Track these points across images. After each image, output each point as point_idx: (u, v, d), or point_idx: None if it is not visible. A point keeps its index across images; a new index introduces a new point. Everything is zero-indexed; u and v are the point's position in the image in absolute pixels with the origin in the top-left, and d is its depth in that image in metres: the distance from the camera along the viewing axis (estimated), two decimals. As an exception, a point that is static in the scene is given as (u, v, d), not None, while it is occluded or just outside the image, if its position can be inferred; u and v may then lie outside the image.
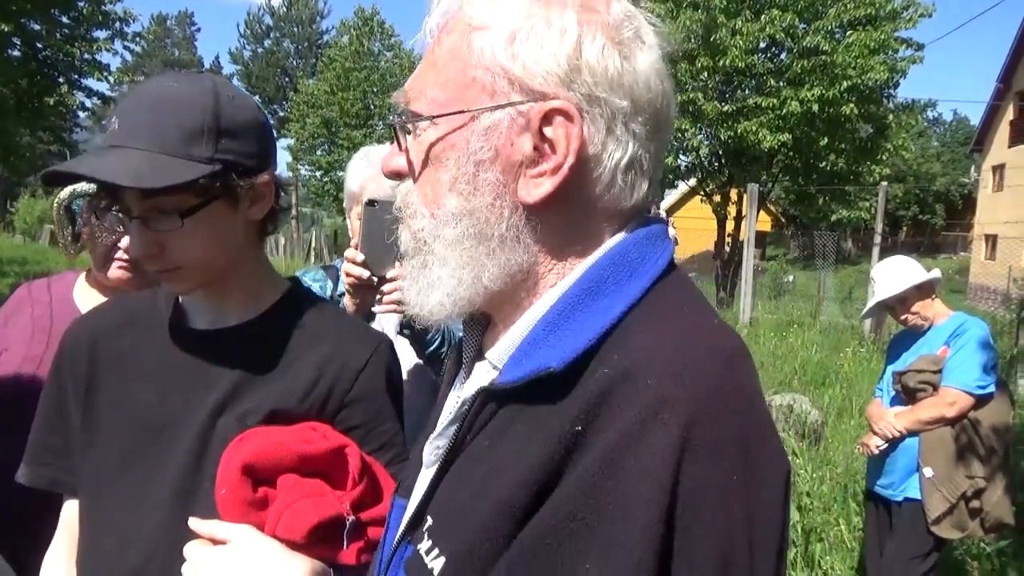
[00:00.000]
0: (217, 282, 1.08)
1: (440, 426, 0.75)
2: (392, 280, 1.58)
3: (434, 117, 0.69)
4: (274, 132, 1.13)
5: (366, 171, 1.91)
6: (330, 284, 1.97)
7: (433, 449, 0.75)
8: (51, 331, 1.63)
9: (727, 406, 0.60)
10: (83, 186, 1.63)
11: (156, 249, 1.01)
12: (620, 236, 0.71)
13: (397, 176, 0.75)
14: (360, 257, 1.60)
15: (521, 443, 0.63)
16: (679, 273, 0.72)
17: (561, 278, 0.70)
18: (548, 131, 0.66)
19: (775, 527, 0.60)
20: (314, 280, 1.98)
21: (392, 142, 0.77)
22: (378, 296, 1.62)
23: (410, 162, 0.73)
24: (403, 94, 0.73)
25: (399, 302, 1.63)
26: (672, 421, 0.57)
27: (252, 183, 1.04)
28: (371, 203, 1.56)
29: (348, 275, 1.62)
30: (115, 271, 1.64)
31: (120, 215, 1.05)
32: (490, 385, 0.68)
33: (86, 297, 1.70)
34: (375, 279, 1.57)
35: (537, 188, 0.67)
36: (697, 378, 0.60)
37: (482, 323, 0.79)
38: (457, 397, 0.81)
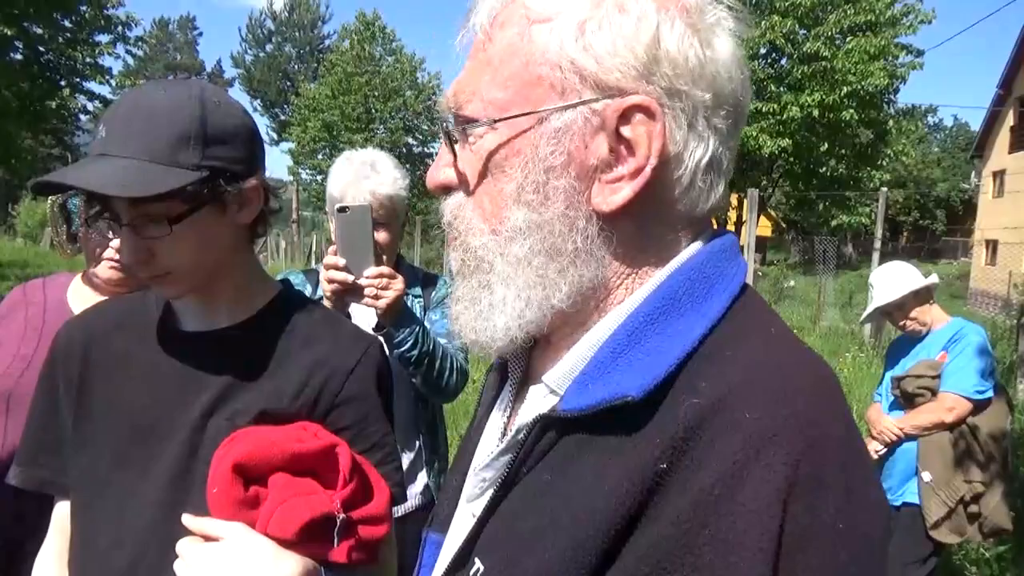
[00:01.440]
0: (208, 285, 1.09)
1: (489, 456, 0.68)
2: (371, 277, 1.63)
3: (496, 121, 0.62)
4: (263, 137, 1.14)
5: (348, 175, 1.92)
6: (309, 288, 1.99)
7: (479, 481, 0.69)
8: (42, 332, 1.64)
9: (832, 441, 0.54)
10: None
11: (146, 255, 1.02)
12: (695, 247, 0.65)
13: (445, 190, 0.68)
14: (342, 262, 1.64)
15: (592, 478, 0.57)
16: (752, 290, 0.66)
17: (630, 294, 0.63)
18: (626, 130, 0.59)
19: (879, 568, 0.55)
20: (294, 284, 1.99)
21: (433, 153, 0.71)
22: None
23: (461, 173, 0.66)
24: (451, 98, 0.66)
25: (377, 298, 1.66)
26: (776, 459, 0.51)
27: (240, 188, 1.04)
28: (342, 210, 1.61)
29: (331, 281, 1.65)
30: (105, 271, 1.65)
31: (110, 222, 1.06)
32: (552, 412, 0.61)
33: (80, 298, 1.70)
34: (354, 281, 1.63)
35: (614, 195, 0.60)
36: (800, 410, 0.54)
37: (529, 341, 0.69)
38: (502, 421, 0.74)
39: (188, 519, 0.97)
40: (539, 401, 0.67)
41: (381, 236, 1.88)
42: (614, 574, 0.54)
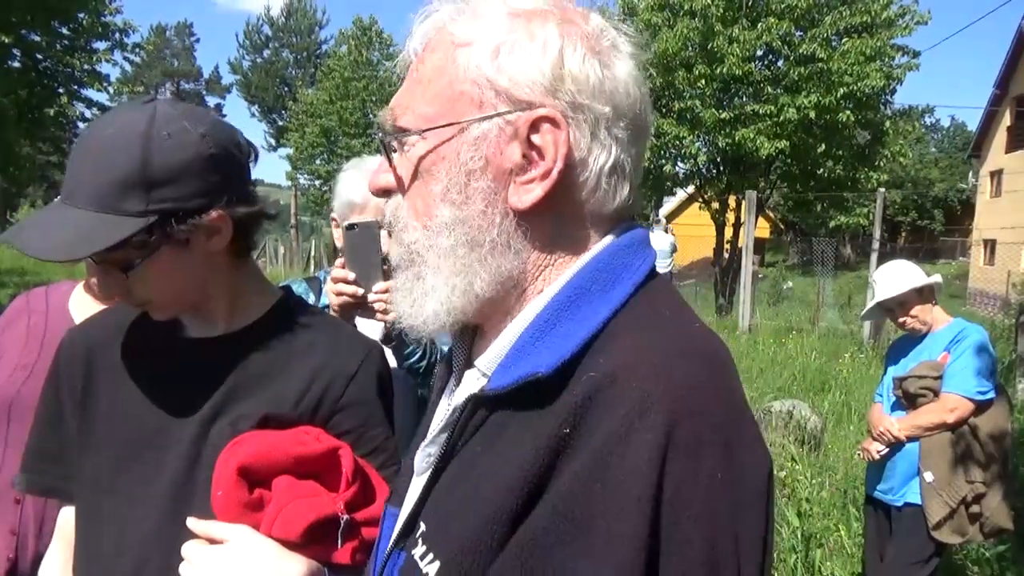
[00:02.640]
0: (199, 303, 1.09)
1: (431, 434, 0.77)
2: (379, 292, 1.65)
3: (424, 131, 0.71)
4: (236, 154, 1.05)
5: (364, 183, 1.92)
6: (312, 297, 1.99)
7: (425, 456, 0.77)
8: (44, 340, 1.64)
9: (709, 406, 0.62)
10: None
11: (122, 290, 1.02)
12: (605, 242, 0.73)
13: (385, 192, 0.77)
14: (351, 275, 1.66)
15: (511, 447, 0.65)
16: (661, 279, 0.74)
17: (548, 284, 0.71)
18: (536, 138, 0.68)
19: (759, 523, 0.62)
20: (300, 291, 1.99)
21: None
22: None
23: (399, 178, 0.75)
24: (389, 112, 0.75)
25: (386, 312, 1.67)
26: (656, 421, 0.59)
27: (198, 223, 0.99)
28: (351, 227, 1.65)
29: (340, 294, 1.66)
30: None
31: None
32: (480, 392, 0.70)
33: (82, 307, 1.70)
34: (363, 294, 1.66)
35: (527, 194, 0.69)
36: (679, 379, 0.62)
37: (471, 333, 0.81)
38: (448, 405, 0.82)
39: (193, 522, 0.98)
40: (472, 383, 0.75)
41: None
42: (525, 527, 0.61)
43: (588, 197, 0.71)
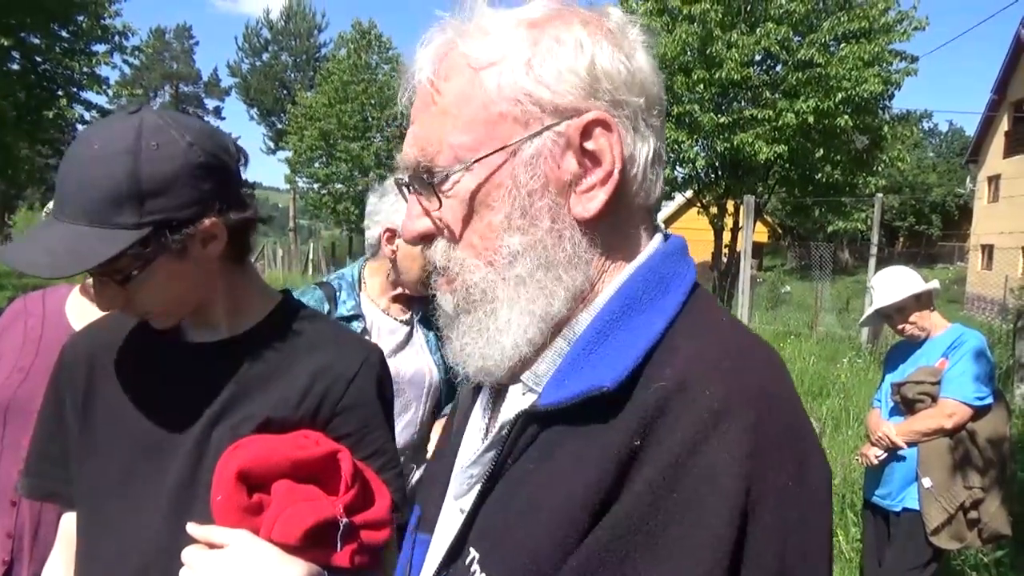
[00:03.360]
0: (199, 309, 1.09)
1: (474, 454, 0.74)
2: None
3: (472, 162, 0.68)
4: (225, 160, 1.05)
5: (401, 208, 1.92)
6: (327, 306, 1.98)
7: (466, 478, 0.74)
8: (40, 343, 1.64)
9: (780, 414, 0.62)
10: None
11: (121, 302, 1.02)
12: (652, 246, 0.72)
13: (423, 240, 0.73)
14: None
15: (573, 463, 0.63)
16: (702, 288, 0.73)
17: (600, 292, 0.70)
18: (589, 144, 0.67)
19: (824, 529, 0.62)
20: (313, 302, 1.98)
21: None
22: None
23: (439, 220, 0.71)
24: (413, 152, 0.71)
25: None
26: (732, 428, 0.58)
27: (193, 232, 0.99)
28: None
29: None
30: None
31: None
32: (532, 408, 0.67)
33: (78, 310, 1.71)
34: None
35: (591, 202, 0.68)
36: (750, 388, 0.61)
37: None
38: (484, 424, 0.79)
39: (192, 527, 0.98)
40: (519, 399, 0.73)
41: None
42: (593, 539, 0.60)
43: (638, 191, 0.71)
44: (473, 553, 0.68)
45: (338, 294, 2.03)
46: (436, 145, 0.69)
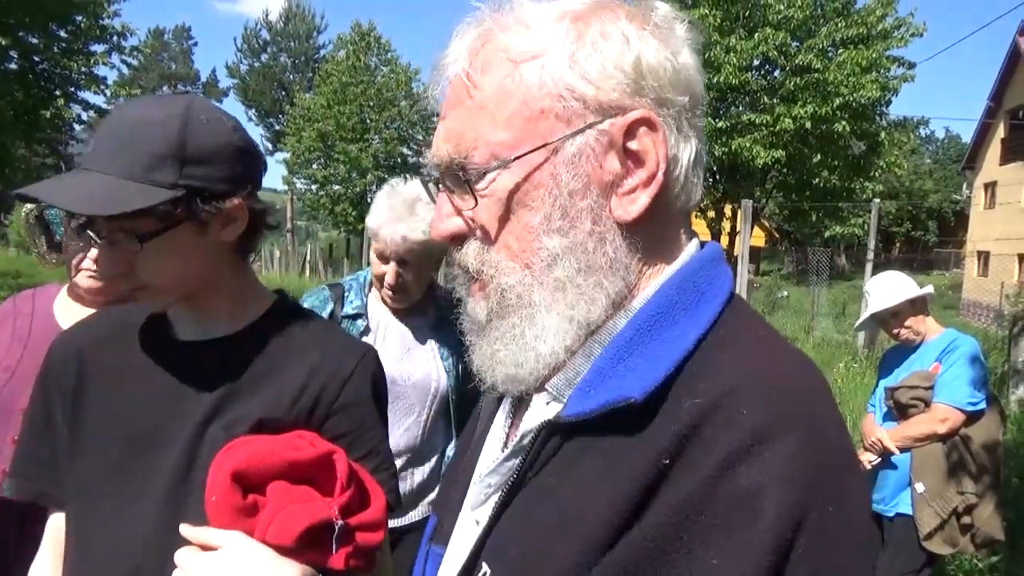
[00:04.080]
0: (196, 297, 1.10)
1: (493, 462, 0.71)
2: None
3: (512, 160, 0.64)
4: (259, 153, 1.13)
5: (384, 213, 1.90)
6: (332, 305, 1.98)
7: (484, 487, 0.71)
8: (27, 342, 1.64)
9: (826, 437, 0.58)
10: None
11: (124, 267, 1.03)
12: (688, 252, 0.69)
13: (454, 240, 0.70)
14: None
15: (599, 479, 0.60)
16: (739, 297, 0.70)
17: (635, 297, 0.67)
18: (632, 144, 0.64)
19: (863, 555, 0.58)
20: (317, 302, 2.00)
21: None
22: None
23: (473, 220, 0.67)
24: (447, 148, 0.67)
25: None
26: (773, 452, 0.55)
27: (221, 207, 1.03)
28: None
29: None
30: (84, 280, 1.66)
31: (91, 234, 1.08)
32: (557, 418, 0.64)
33: (66, 310, 1.71)
34: None
35: (633, 204, 0.64)
36: (792, 406, 0.58)
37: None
38: (504, 432, 0.76)
39: (186, 529, 0.97)
40: (542, 408, 0.69)
41: (409, 275, 1.93)
42: (613, 557, 0.56)
43: (679, 194, 0.68)
44: (485, 569, 0.65)
45: (347, 294, 2.04)
46: (472, 141, 0.65)
